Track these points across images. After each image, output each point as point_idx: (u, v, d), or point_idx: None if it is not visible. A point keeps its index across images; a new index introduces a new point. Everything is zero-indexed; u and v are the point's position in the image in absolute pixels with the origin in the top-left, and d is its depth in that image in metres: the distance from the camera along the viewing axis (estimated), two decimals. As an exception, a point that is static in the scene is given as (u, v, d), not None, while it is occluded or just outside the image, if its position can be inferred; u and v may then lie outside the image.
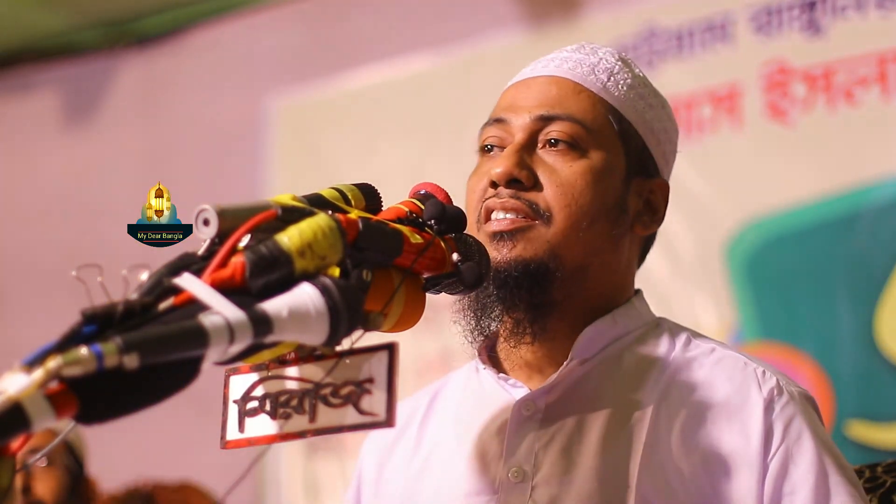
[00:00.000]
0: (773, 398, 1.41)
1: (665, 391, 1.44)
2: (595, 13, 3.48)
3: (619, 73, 1.52)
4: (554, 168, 1.46)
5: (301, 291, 1.05)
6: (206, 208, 1.10)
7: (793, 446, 1.38)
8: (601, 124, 1.49)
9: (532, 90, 1.52)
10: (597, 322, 1.48)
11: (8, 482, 0.94)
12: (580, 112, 1.49)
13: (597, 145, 1.48)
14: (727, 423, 1.40)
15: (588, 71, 1.52)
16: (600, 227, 1.47)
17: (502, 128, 1.51)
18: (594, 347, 1.48)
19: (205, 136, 4.25)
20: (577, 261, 1.45)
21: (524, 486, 1.42)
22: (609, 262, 1.49)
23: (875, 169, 2.95)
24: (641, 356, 1.49)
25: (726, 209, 3.14)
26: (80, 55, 4.49)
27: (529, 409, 1.46)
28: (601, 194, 1.46)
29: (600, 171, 1.47)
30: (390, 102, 3.86)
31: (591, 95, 1.50)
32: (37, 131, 4.58)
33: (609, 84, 1.51)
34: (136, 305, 1.01)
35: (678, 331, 1.53)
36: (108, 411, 0.97)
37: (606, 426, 1.43)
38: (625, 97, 1.51)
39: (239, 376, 1.21)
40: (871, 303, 2.90)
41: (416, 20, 3.87)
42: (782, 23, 3.14)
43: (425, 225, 1.28)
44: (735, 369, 1.45)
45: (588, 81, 1.51)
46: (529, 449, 1.43)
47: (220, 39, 4.28)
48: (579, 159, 1.47)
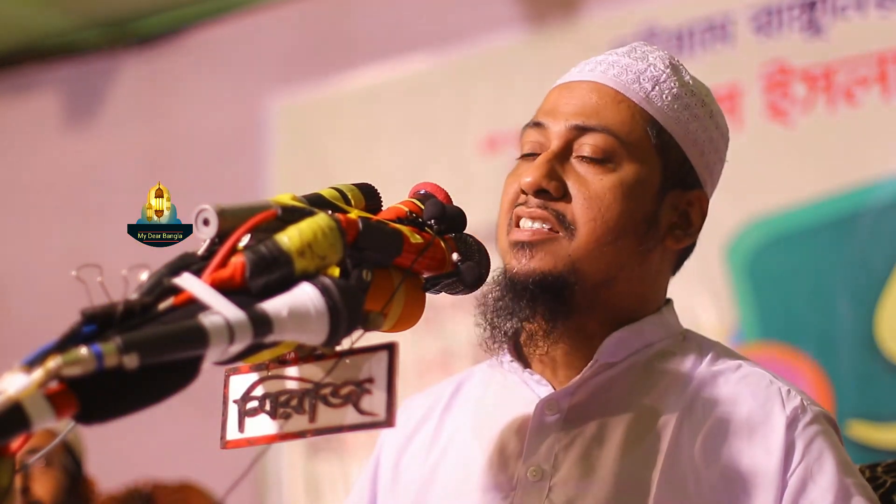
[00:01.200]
0: (797, 416, 1.41)
1: (689, 404, 1.44)
2: (595, 13, 3.48)
3: (665, 82, 1.49)
4: (585, 179, 1.45)
5: (301, 291, 1.05)
6: (205, 208, 1.10)
7: (813, 464, 1.38)
8: (638, 137, 1.47)
9: (574, 95, 1.50)
10: (625, 328, 1.47)
11: (8, 482, 0.94)
12: (617, 124, 1.46)
13: (631, 158, 1.46)
14: (749, 439, 1.40)
15: (633, 79, 1.49)
16: (627, 241, 1.45)
17: (541, 132, 1.50)
18: (620, 353, 1.47)
19: (205, 136, 4.24)
20: (600, 275, 1.44)
21: (542, 485, 1.41)
22: (635, 275, 1.48)
23: (875, 169, 2.95)
24: (668, 367, 1.48)
25: (726, 209, 3.14)
26: (81, 55, 4.49)
27: (553, 409, 1.45)
28: (630, 209, 1.45)
29: (631, 186, 1.45)
30: (390, 102, 3.85)
31: (631, 105, 1.48)
32: (37, 131, 4.58)
33: (653, 94, 1.48)
34: (136, 305, 1.01)
35: (706, 344, 1.52)
36: (108, 411, 0.97)
37: (628, 433, 1.42)
38: (668, 108, 1.48)
39: (239, 376, 1.21)
40: (871, 303, 2.90)
41: (416, 20, 3.87)
42: (782, 23, 3.14)
43: (425, 225, 1.28)
44: (760, 386, 1.45)
45: (631, 91, 1.48)
46: (550, 449, 1.43)
47: (220, 39, 4.28)
48: (611, 172, 1.45)
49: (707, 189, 1.54)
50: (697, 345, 1.52)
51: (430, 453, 1.53)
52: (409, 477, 1.53)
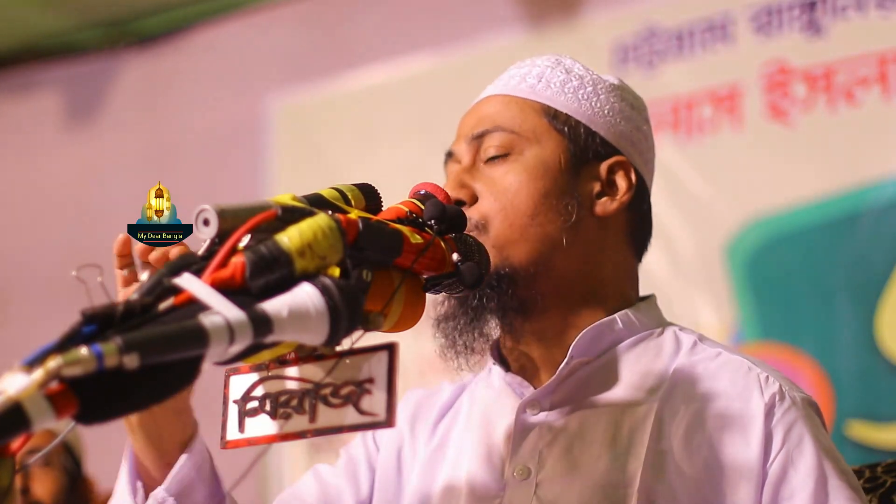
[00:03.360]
0: (775, 403, 1.41)
1: (668, 393, 1.45)
2: (595, 13, 3.48)
3: (550, 74, 1.56)
4: (493, 178, 1.51)
5: (301, 291, 1.05)
6: (206, 208, 1.10)
7: (793, 451, 1.39)
8: (532, 125, 1.53)
9: (471, 116, 1.59)
10: (599, 323, 1.49)
11: (8, 482, 0.94)
12: (508, 120, 1.53)
13: (531, 145, 1.52)
14: (728, 428, 1.41)
15: (518, 81, 1.57)
16: (546, 218, 1.48)
17: (454, 161, 1.57)
18: (596, 348, 1.49)
19: (205, 136, 4.24)
20: (532, 254, 1.47)
21: (529, 483, 1.43)
22: (575, 251, 1.50)
23: (875, 169, 2.95)
24: (647, 358, 1.49)
25: (726, 209, 3.14)
26: (81, 55, 4.49)
27: (534, 408, 1.47)
28: (539, 188, 1.49)
29: (535, 167, 1.50)
30: (390, 102, 3.85)
31: (518, 101, 1.55)
32: (37, 131, 4.58)
33: (539, 86, 1.55)
34: (136, 305, 1.01)
35: (685, 334, 1.53)
36: (109, 411, 0.97)
37: (609, 427, 1.43)
38: (558, 93, 1.54)
39: (239, 376, 1.21)
40: (871, 303, 2.90)
41: (416, 20, 3.87)
42: (782, 23, 3.14)
43: (425, 225, 1.28)
44: (738, 374, 1.45)
45: (518, 90, 1.56)
46: (534, 447, 1.45)
47: (220, 39, 4.28)
48: (515, 163, 1.51)
49: (631, 156, 1.56)
50: (676, 335, 1.53)
51: (429, 457, 1.55)
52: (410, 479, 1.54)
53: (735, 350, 1.52)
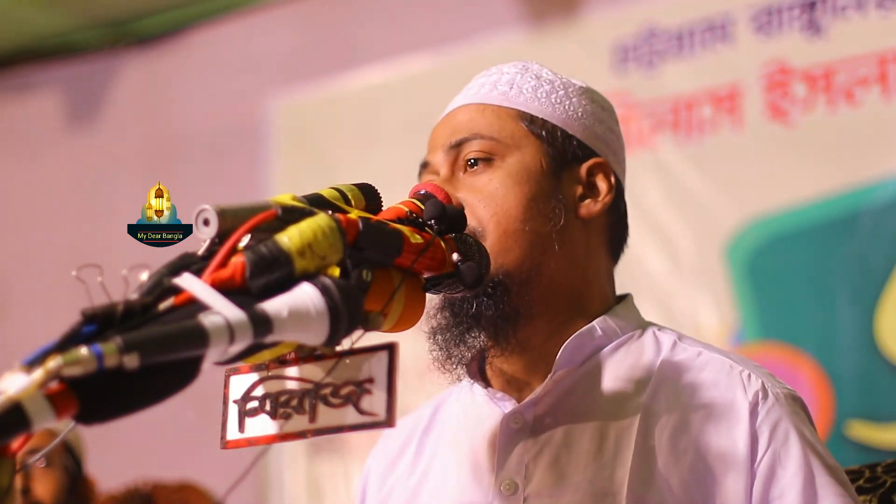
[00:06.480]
0: (758, 402, 1.41)
1: (652, 397, 1.44)
2: (595, 13, 3.48)
3: (520, 80, 1.56)
4: (476, 185, 1.49)
5: (301, 291, 1.05)
6: (206, 208, 1.10)
7: (780, 449, 1.38)
8: (510, 131, 1.52)
9: (445, 126, 1.57)
10: (580, 332, 1.47)
11: (8, 482, 0.94)
12: (485, 127, 1.52)
13: (511, 151, 1.51)
14: (714, 429, 1.40)
15: (489, 89, 1.56)
16: (536, 223, 1.47)
17: (429, 170, 1.55)
18: (579, 357, 1.48)
19: (205, 136, 4.25)
20: (525, 263, 1.46)
21: (516, 498, 1.42)
22: (563, 256, 1.49)
23: (875, 169, 2.95)
24: (628, 363, 1.48)
25: (726, 209, 3.14)
26: (81, 55, 4.49)
27: (518, 421, 1.46)
28: (525, 193, 1.48)
29: (518, 173, 1.49)
30: (390, 102, 3.86)
31: (494, 109, 1.54)
32: (37, 132, 4.58)
33: (511, 93, 1.55)
34: (136, 305, 1.01)
35: (665, 335, 1.52)
36: (108, 411, 0.97)
37: (595, 435, 1.42)
38: (531, 98, 1.54)
39: (239, 376, 1.21)
40: (871, 303, 2.90)
41: (416, 20, 3.87)
42: (782, 23, 3.14)
43: (425, 225, 1.28)
44: (720, 373, 1.45)
45: (490, 98, 1.55)
46: (520, 461, 1.44)
47: (220, 39, 4.28)
48: (498, 169, 1.50)
49: (607, 157, 1.57)
50: (655, 336, 1.52)
51: (412, 476, 1.54)
52: (395, 500, 1.54)
53: (714, 348, 1.51)
